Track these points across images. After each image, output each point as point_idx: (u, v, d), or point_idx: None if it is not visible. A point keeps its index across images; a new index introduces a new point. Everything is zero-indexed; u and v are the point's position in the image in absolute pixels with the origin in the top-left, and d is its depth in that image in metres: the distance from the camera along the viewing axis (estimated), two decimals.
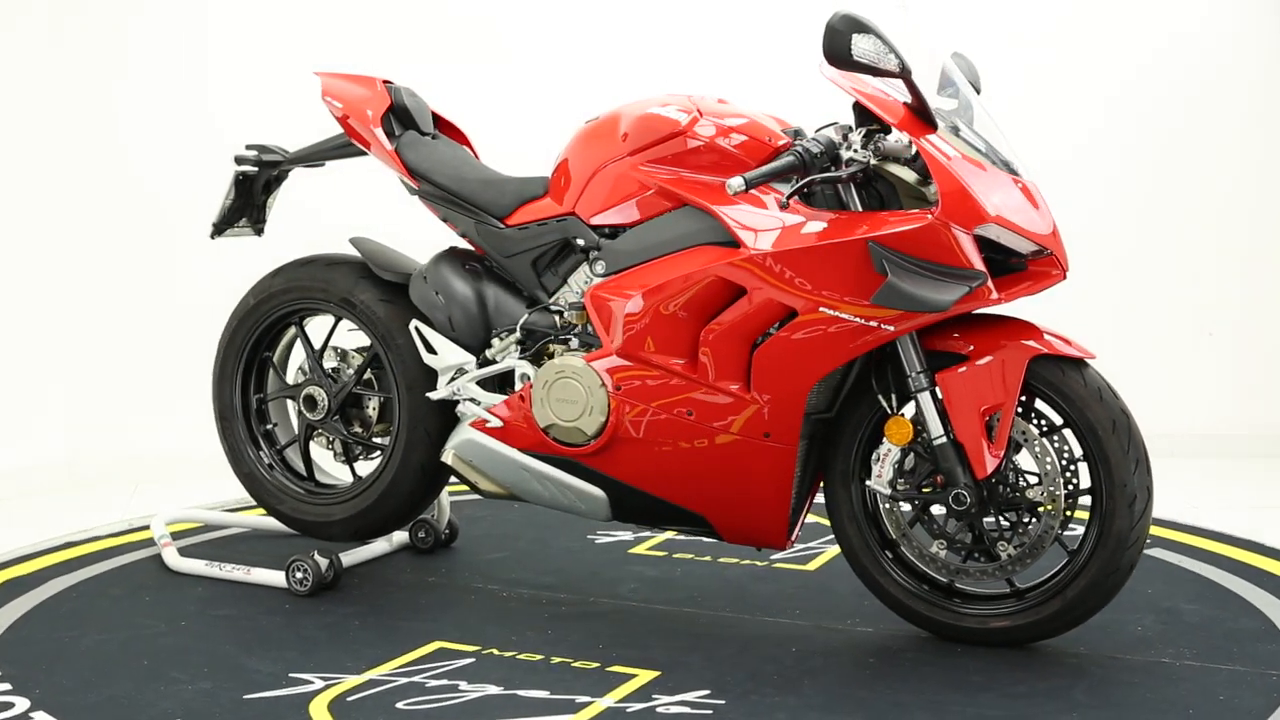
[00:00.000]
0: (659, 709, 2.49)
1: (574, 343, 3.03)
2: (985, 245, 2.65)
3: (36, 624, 3.03)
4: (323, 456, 3.54)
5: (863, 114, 2.74)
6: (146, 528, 3.82)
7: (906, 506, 2.83)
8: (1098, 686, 2.57)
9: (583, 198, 2.99)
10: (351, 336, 3.47)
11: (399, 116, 3.30)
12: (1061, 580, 2.73)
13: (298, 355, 3.59)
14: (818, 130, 2.81)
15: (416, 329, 3.19)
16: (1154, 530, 3.49)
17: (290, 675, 2.68)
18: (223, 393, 3.53)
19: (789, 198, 2.66)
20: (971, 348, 2.72)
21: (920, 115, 2.66)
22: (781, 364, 2.74)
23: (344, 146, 3.40)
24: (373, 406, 3.39)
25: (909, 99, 2.69)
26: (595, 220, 2.98)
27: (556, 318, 3.07)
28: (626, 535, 3.79)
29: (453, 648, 2.84)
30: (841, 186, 2.73)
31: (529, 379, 3.05)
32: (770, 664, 2.73)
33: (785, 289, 2.69)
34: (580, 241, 3.00)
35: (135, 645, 2.88)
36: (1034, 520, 2.72)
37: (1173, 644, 2.80)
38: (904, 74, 2.57)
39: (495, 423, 3.06)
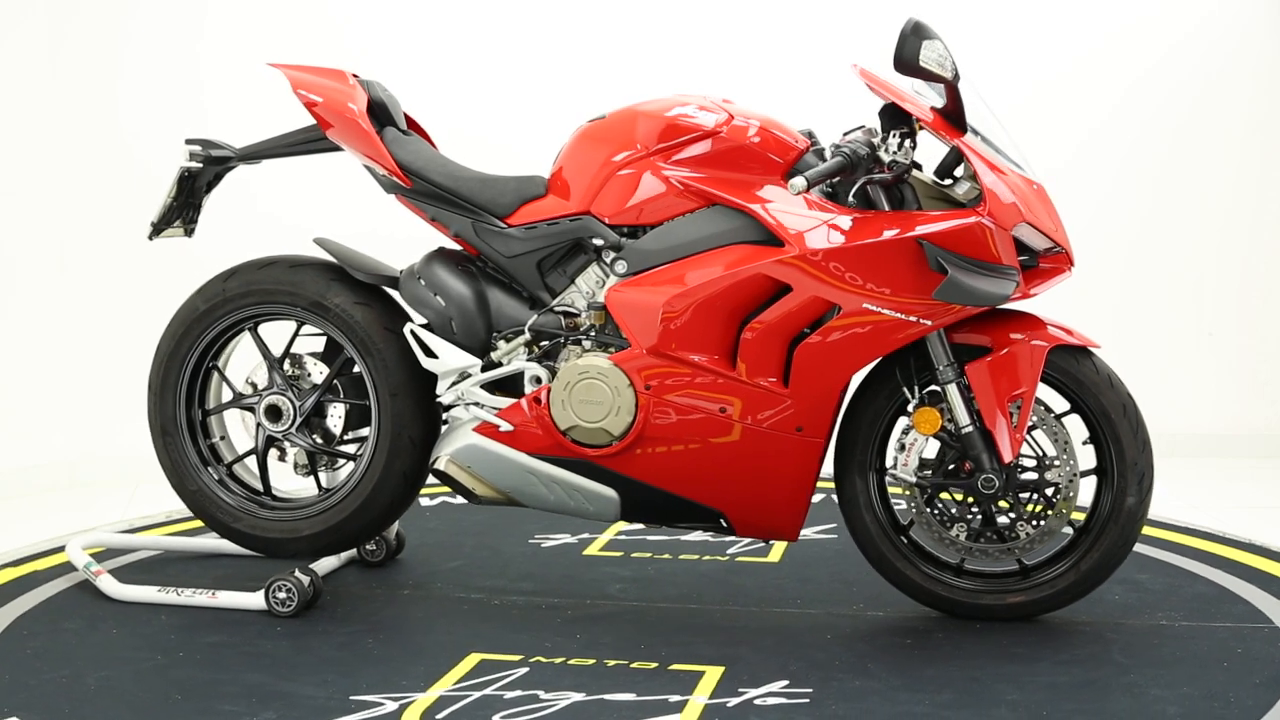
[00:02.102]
0: (756, 701, 2.52)
1: (586, 343, 3.00)
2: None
3: (12, 667, 2.74)
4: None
5: (892, 118, 2.85)
6: (50, 553, 3.54)
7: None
8: (1128, 649, 2.79)
9: (599, 197, 2.97)
10: (301, 342, 3.31)
11: (375, 112, 3.17)
12: (1076, 555, 2.93)
13: (233, 365, 3.39)
14: (846, 133, 2.91)
15: (413, 332, 3.08)
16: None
17: (351, 699, 2.55)
18: (165, 405, 3.29)
19: (852, 196, 2.75)
20: (990, 340, 2.88)
21: (950, 119, 2.80)
22: (823, 360, 2.82)
23: (306, 142, 3.24)
24: (338, 415, 3.24)
25: (936, 104, 2.83)
26: (614, 220, 2.96)
27: (562, 318, 3.03)
28: (569, 537, 3.78)
29: (495, 659, 2.77)
30: (871, 186, 2.84)
31: (540, 381, 3.00)
32: (821, 652, 2.80)
33: (835, 286, 2.77)
34: (598, 241, 2.98)
35: (149, 680, 2.66)
36: (1051, 501, 2.90)
37: (1158, 609, 3.06)
38: (956, 80, 2.70)
39: (506, 427, 2.99)
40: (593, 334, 2.99)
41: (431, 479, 3.19)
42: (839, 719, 2.43)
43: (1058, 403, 2.96)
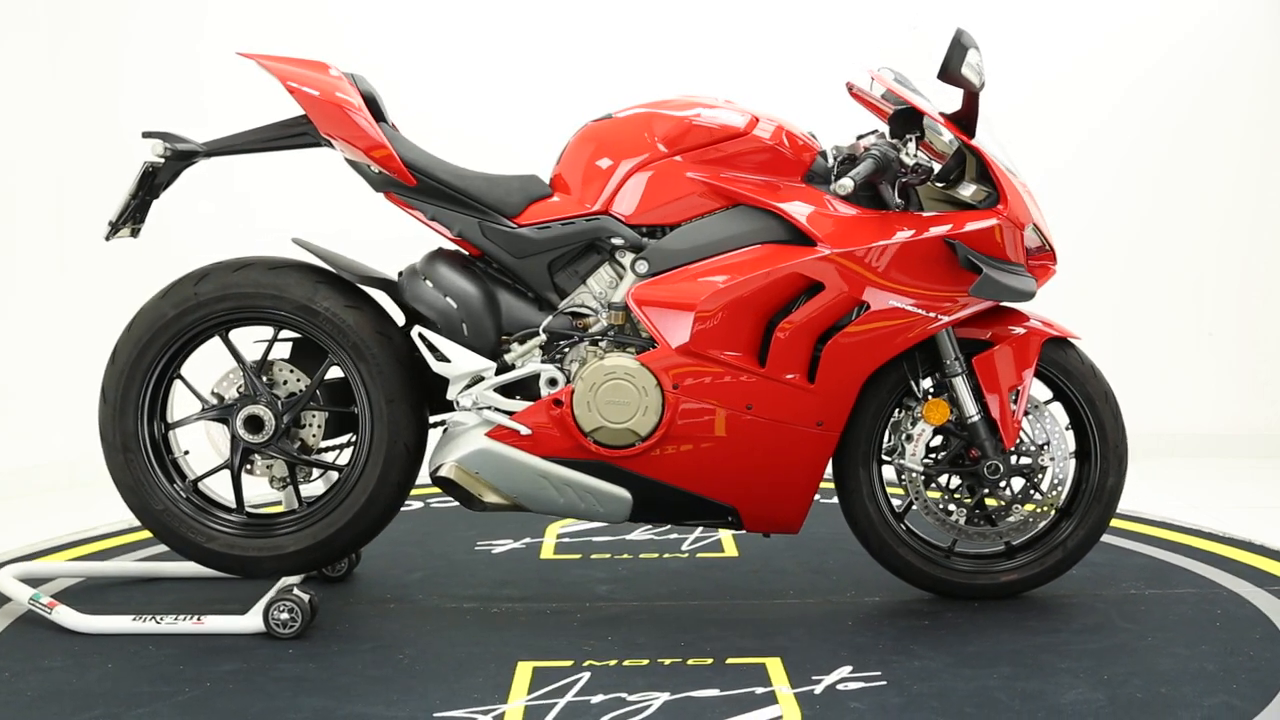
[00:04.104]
0: (839, 688, 2.59)
1: (602, 344, 2.98)
2: None
3: (29, 712, 2.48)
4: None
5: (905, 123, 2.97)
6: None
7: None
8: (1126, 616, 3.01)
9: (618, 197, 2.96)
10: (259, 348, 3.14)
11: (368, 107, 3.04)
12: (1063, 534, 3.14)
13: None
14: (859, 137, 3.03)
15: (421, 335, 2.98)
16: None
17: (436, 715, 2.45)
18: (126, 420, 3.04)
19: (896, 195, 2.87)
20: (989, 334, 3.06)
21: (960, 124, 2.96)
22: (850, 356, 2.92)
23: (281, 138, 3.07)
24: (318, 423, 3.09)
25: (945, 109, 2.98)
26: (634, 220, 2.96)
27: (571, 319, 3.01)
28: (513, 542, 3.74)
29: (548, 666, 2.72)
30: (882, 187, 2.96)
31: (556, 383, 2.97)
32: (859, 638, 2.89)
33: (867, 284, 2.88)
34: (616, 241, 2.97)
35: (198, 714, 2.47)
36: (1035, 484, 3.10)
37: (1118, 580, 3.31)
38: (982, 88, 2.86)
39: (524, 430, 2.94)
40: (610, 334, 2.97)
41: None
42: (925, 697, 2.53)
43: (1040, 391, 3.16)
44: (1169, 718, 2.41)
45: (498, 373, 2.99)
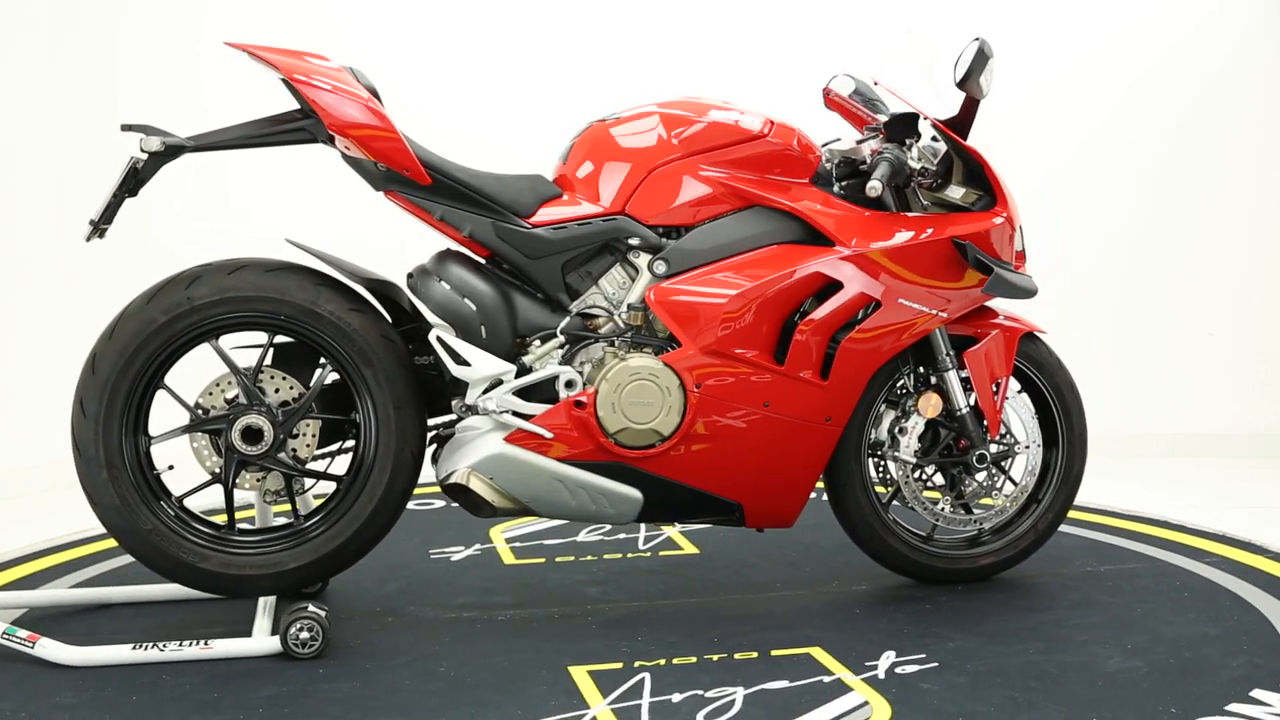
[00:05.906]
0: (897, 671, 2.67)
1: (616, 344, 2.97)
2: None
3: None
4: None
5: (905, 127, 3.09)
6: None
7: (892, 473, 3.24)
8: (1104, 591, 3.22)
9: (635, 198, 2.96)
10: (250, 354, 2.99)
11: None
12: (1034, 517, 3.33)
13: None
14: (859, 141, 3.12)
15: (439, 339, 2.89)
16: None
17: None
18: (110, 435, 2.82)
19: (897, 197, 2.99)
20: (972, 330, 3.21)
21: (955, 129, 3.10)
22: (862, 353, 3.01)
23: (273, 133, 2.92)
24: (311, 432, 2.96)
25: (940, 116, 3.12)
26: (652, 220, 2.97)
27: (582, 320, 2.99)
28: (465, 549, 3.68)
29: (603, 669, 2.69)
30: (886, 189, 3.07)
31: (574, 385, 2.94)
32: (880, 623, 2.98)
33: (883, 283, 2.98)
34: (633, 241, 2.97)
35: None
36: (1004, 470, 3.28)
37: (1070, 559, 3.53)
38: (985, 95, 3.01)
39: (547, 434, 2.90)
40: (628, 335, 2.97)
41: None
42: (985, 675, 2.65)
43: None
44: (1213, 678, 2.61)
45: (518, 376, 2.93)
